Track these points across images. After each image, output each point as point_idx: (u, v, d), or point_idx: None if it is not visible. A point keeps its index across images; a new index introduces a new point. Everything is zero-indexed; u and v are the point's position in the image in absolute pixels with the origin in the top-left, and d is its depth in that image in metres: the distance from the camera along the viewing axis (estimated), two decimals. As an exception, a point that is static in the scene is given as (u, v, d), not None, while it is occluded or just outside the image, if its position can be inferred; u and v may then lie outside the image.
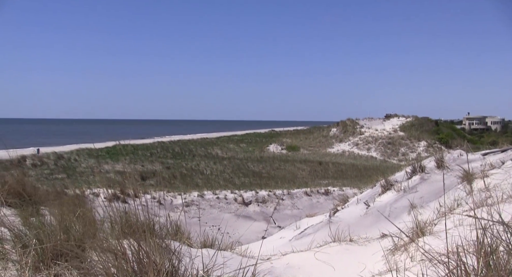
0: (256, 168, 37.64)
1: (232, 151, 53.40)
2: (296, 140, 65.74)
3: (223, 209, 19.24)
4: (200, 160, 40.15)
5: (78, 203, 4.36)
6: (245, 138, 70.48)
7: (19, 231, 3.31)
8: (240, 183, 28.62)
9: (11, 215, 4.43)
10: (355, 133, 63.40)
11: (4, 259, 3.14)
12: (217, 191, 21.01)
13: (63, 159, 34.40)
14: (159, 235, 3.91)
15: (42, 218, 3.68)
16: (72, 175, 29.27)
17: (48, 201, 5.05)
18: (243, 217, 18.76)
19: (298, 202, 20.12)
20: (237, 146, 60.07)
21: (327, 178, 31.98)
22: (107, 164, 34.89)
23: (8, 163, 24.34)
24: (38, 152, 35.78)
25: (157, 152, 43.31)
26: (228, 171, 34.90)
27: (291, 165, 39.95)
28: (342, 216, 6.89)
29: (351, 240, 4.56)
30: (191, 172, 33.56)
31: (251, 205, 19.97)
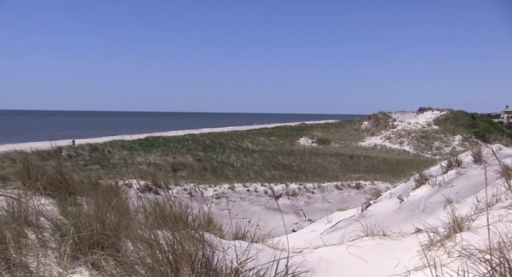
0: (287, 161, 37.55)
1: (262, 144, 53.42)
2: (327, 133, 65.25)
3: (253, 201, 19.29)
4: (230, 153, 40.33)
5: (112, 193, 4.44)
6: (275, 131, 70.39)
7: (58, 220, 3.40)
8: (270, 175, 28.60)
9: (50, 204, 4.56)
10: (387, 127, 62.40)
11: (43, 247, 3.23)
12: (248, 183, 21.06)
13: (97, 151, 35.15)
14: (192, 226, 3.95)
15: (79, 207, 3.76)
16: (105, 166, 29.88)
17: (84, 191, 5.17)
18: (273, 210, 18.76)
19: (328, 195, 19.98)
20: (267, 138, 60.05)
21: (358, 172, 31.63)
22: (139, 155, 35.45)
23: (46, 153, 25.12)
24: (74, 144, 36.65)
25: (188, 144, 43.72)
26: (259, 164, 34.94)
27: (322, 158, 39.68)
28: (374, 210, 6.80)
29: (384, 235, 4.49)
30: (222, 164, 33.75)
31: (281, 198, 19.95)
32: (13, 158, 24.80)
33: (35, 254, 3.16)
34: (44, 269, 2.93)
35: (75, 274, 2.94)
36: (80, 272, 2.98)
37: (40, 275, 2.86)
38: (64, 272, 2.97)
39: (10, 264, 2.96)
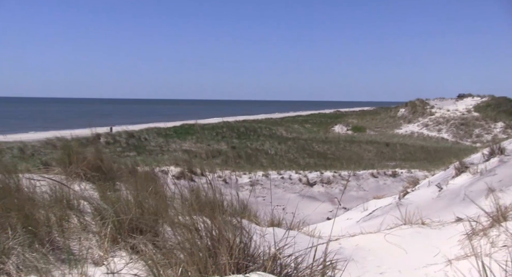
0: (321, 149, 37.30)
1: (297, 131, 53.20)
2: (362, 121, 64.35)
3: (287, 189, 19.27)
4: (264, 140, 40.36)
5: (150, 179, 4.50)
6: (309, 118, 69.92)
7: (98, 205, 3.47)
8: (305, 163, 28.48)
9: (90, 189, 4.67)
10: (425, 114, 60.94)
11: (85, 230, 3.32)
12: (282, 171, 21.03)
13: (133, 138, 35.83)
14: (228, 213, 3.97)
15: (117, 193, 3.83)
16: (142, 153, 30.44)
17: (122, 177, 5.27)
18: (308, 197, 18.70)
19: (364, 183, 19.73)
20: (301, 126, 59.73)
21: (394, 160, 31.11)
22: (175, 143, 35.95)
23: (85, 140, 25.77)
24: (111, 130, 37.46)
25: (223, 132, 43.98)
26: (293, 151, 34.85)
27: (357, 146, 39.21)
28: (412, 199, 6.67)
29: (423, 223, 4.39)
30: (256, 151, 33.83)
31: (316, 185, 19.85)
32: (54, 144, 25.61)
33: (77, 237, 3.25)
34: (87, 252, 3.00)
35: (115, 257, 3.00)
36: (120, 255, 3.04)
37: (83, 257, 2.93)
38: (105, 255, 3.04)
39: (54, 246, 3.05)
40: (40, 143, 28.46)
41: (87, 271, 2.71)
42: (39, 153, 25.72)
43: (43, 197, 3.71)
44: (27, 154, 25.24)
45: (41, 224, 3.13)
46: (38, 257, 2.77)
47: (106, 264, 2.88)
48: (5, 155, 23.33)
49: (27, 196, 3.46)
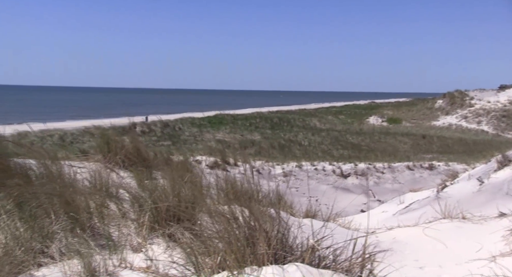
0: (355, 140, 36.87)
1: (331, 123, 52.75)
2: (398, 112, 63.17)
3: (321, 180, 19.14)
4: (298, 131, 40.20)
5: (185, 168, 4.53)
6: (344, 110, 69.14)
7: (136, 193, 3.53)
8: (339, 155, 28.23)
9: (127, 177, 4.76)
10: (464, 105, 59.22)
11: (124, 218, 3.38)
12: (315, 162, 20.89)
13: (168, 127, 36.34)
14: (263, 203, 3.96)
15: (154, 181, 3.88)
16: (176, 142, 30.84)
17: (159, 165, 5.34)
18: (341, 189, 18.54)
19: (399, 176, 19.38)
20: (335, 117, 59.17)
21: (431, 152, 30.43)
22: (208, 132, 36.25)
23: (121, 129, 26.29)
24: (147, 120, 38.08)
25: (256, 122, 44.03)
26: (326, 143, 34.59)
27: (392, 137, 38.55)
28: (451, 192, 6.50)
29: (464, 218, 4.27)
30: (289, 142, 33.74)
31: (350, 177, 19.64)
32: (92, 132, 26.23)
33: (116, 224, 3.31)
34: (126, 238, 3.06)
35: (153, 244, 3.04)
36: (158, 243, 3.08)
37: (122, 244, 2.99)
38: (143, 242, 3.08)
39: (94, 232, 3.12)
40: (78, 131, 29.24)
41: (126, 257, 2.76)
42: (78, 140, 26.44)
43: (83, 184, 3.80)
44: (66, 142, 25.98)
45: (82, 210, 3.20)
46: (80, 242, 2.84)
47: (144, 251, 2.93)
48: (46, 142, 24.07)
49: (68, 183, 3.54)
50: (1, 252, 2.54)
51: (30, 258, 2.63)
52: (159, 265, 2.60)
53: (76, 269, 2.50)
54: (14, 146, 4.96)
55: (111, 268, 2.61)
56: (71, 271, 2.49)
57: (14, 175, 3.66)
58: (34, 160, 4.14)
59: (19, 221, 2.90)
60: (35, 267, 2.60)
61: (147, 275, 2.51)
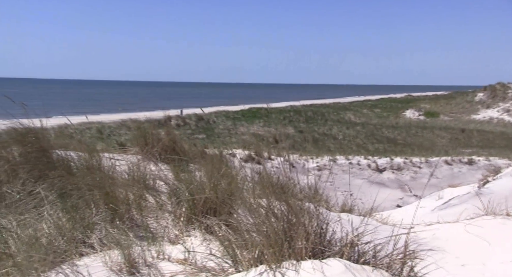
0: (391, 134, 36.23)
1: (366, 116, 51.99)
2: (436, 106, 61.61)
3: (355, 174, 18.93)
4: (332, 125, 39.82)
5: (221, 162, 4.55)
6: (379, 103, 67.95)
7: (174, 185, 3.57)
8: (374, 149, 27.83)
9: (164, 169, 4.81)
10: (506, 98, 57.17)
11: (161, 210, 3.42)
12: (350, 156, 20.66)
13: (203, 120, 36.62)
14: (299, 197, 3.93)
15: (190, 174, 3.91)
16: (210, 135, 31.07)
17: (195, 158, 5.38)
18: (377, 183, 18.28)
19: (437, 171, 18.94)
20: (370, 111, 58.25)
21: (470, 147, 29.58)
22: (242, 126, 36.35)
23: (157, 122, 26.69)
24: (182, 113, 38.50)
25: (290, 116, 43.83)
26: (361, 136, 34.13)
27: (430, 131, 37.69)
28: (493, 188, 6.29)
29: (508, 215, 4.13)
30: (323, 136, 33.48)
31: (385, 171, 19.34)
32: (129, 125, 26.75)
33: (154, 216, 3.36)
34: (164, 230, 3.09)
35: (190, 237, 3.07)
36: (195, 235, 3.11)
37: (159, 235, 3.03)
38: (180, 234, 3.12)
39: (133, 224, 3.17)
40: (116, 124, 29.85)
41: (164, 249, 2.79)
42: (115, 133, 27.00)
43: (122, 176, 3.87)
44: (104, 134, 26.58)
45: (121, 202, 3.26)
46: (119, 233, 2.89)
47: (181, 243, 2.96)
48: (85, 135, 24.70)
49: (107, 175, 3.61)
50: (45, 241, 2.61)
51: (72, 248, 2.70)
52: (196, 257, 2.62)
53: (116, 259, 2.55)
54: (56, 138, 5.09)
55: (149, 259, 2.65)
56: (111, 261, 2.54)
57: (56, 166, 3.76)
58: (75, 152, 4.24)
59: (61, 211, 2.97)
60: (77, 256, 2.66)
61: (185, 267, 2.53)
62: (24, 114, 4.12)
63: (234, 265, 2.31)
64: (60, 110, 27.15)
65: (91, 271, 2.34)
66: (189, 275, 2.40)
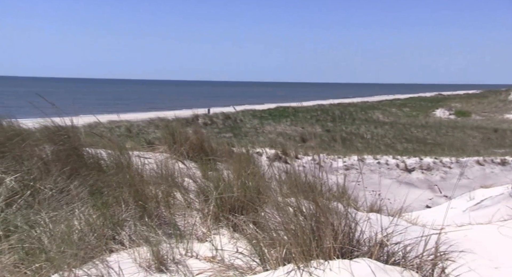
0: (420, 134, 35.66)
1: (394, 115, 51.29)
2: (467, 105, 60.29)
3: (384, 174, 18.68)
4: (360, 124, 39.45)
5: (248, 160, 4.55)
6: (408, 102, 66.88)
7: (202, 183, 3.59)
8: (403, 148, 27.44)
9: (192, 168, 4.84)
10: (541, 97, 55.53)
11: (189, 207, 3.45)
12: (378, 155, 20.42)
13: (230, 119, 36.79)
14: (327, 196, 3.90)
15: (218, 172, 3.93)
16: (238, 134, 31.18)
17: (222, 157, 5.40)
18: (405, 183, 18.00)
19: (468, 171, 18.52)
20: (399, 110, 57.40)
21: (503, 147, 28.83)
22: (269, 125, 36.34)
23: (184, 121, 26.95)
24: (209, 112, 38.74)
25: (317, 115, 43.62)
26: (390, 136, 33.70)
27: (461, 131, 36.92)
28: (528, 189, 6.11)
29: (543, 217, 4.00)
30: (351, 135, 33.18)
31: (414, 171, 19.02)
32: (157, 124, 27.07)
33: (182, 214, 3.39)
34: (191, 228, 3.12)
35: (217, 235, 3.08)
36: (222, 233, 3.12)
37: (187, 233, 3.05)
38: (208, 232, 3.13)
39: (161, 221, 3.20)
40: (144, 122, 30.28)
41: (192, 247, 2.81)
42: (143, 132, 27.39)
43: (150, 173, 3.91)
44: (133, 133, 27.00)
45: (150, 199, 3.30)
46: (148, 230, 2.93)
47: (209, 241, 2.97)
48: (114, 133, 25.14)
49: (137, 173, 3.65)
50: (76, 237, 2.66)
51: (102, 244, 2.74)
52: (224, 255, 2.63)
53: (145, 256, 2.58)
54: (86, 136, 5.19)
55: (178, 257, 2.67)
56: (140, 257, 2.57)
57: (87, 164, 3.83)
58: (105, 150, 4.31)
59: (92, 208, 3.03)
60: (107, 252, 2.71)
61: (212, 265, 2.54)
62: (56, 113, 4.22)
63: (261, 263, 2.30)
64: (89, 109, 27.69)
65: (121, 267, 2.37)
66: (217, 272, 2.41)
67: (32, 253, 2.55)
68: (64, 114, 4.27)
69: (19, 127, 4.35)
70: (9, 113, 4.44)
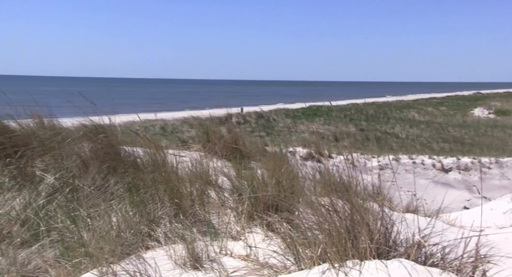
0: (458, 133, 34.77)
1: (431, 115, 50.17)
2: (508, 103, 58.33)
3: (419, 174, 18.31)
4: (395, 123, 38.81)
5: (282, 159, 4.54)
6: (445, 101, 65.30)
7: (236, 181, 3.60)
8: (439, 148, 26.83)
9: (226, 166, 4.87)
10: None
11: (223, 206, 3.47)
12: (413, 155, 20.04)
13: (263, 118, 36.83)
14: (361, 196, 3.85)
15: (252, 171, 3.93)
16: (271, 133, 31.17)
17: (256, 156, 5.42)
18: (442, 184, 17.58)
19: (508, 171, 17.91)
20: (436, 109, 56.11)
21: (547, 147, 27.82)
22: (302, 124, 36.19)
23: (218, 119, 27.15)
24: (242, 111, 38.87)
25: (351, 114, 43.15)
26: (426, 135, 33.01)
27: (501, 130, 35.80)
28: None
29: None
30: (385, 135, 32.68)
31: (451, 172, 18.56)
32: (191, 123, 27.38)
33: (216, 212, 3.41)
34: (226, 226, 3.13)
35: (251, 233, 3.09)
36: (256, 232, 3.12)
37: (222, 231, 3.07)
38: (242, 231, 3.14)
39: (196, 219, 3.24)
40: (178, 122, 30.67)
41: (227, 245, 2.83)
42: (177, 130, 27.76)
43: (185, 171, 3.96)
44: (167, 131, 27.40)
45: (185, 197, 3.34)
46: (183, 228, 2.96)
47: (243, 239, 2.98)
48: (149, 131, 25.58)
49: (172, 171, 3.70)
50: (114, 233, 2.72)
51: (139, 241, 2.79)
52: (258, 253, 2.63)
53: (180, 253, 2.61)
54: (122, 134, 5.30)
55: (212, 255, 2.69)
56: (176, 255, 2.61)
57: (124, 162, 3.91)
58: (141, 148, 4.39)
59: (129, 205, 3.09)
60: (143, 249, 2.76)
61: (247, 263, 2.55)
62: (94, 112, 4.33)
63: (296, 262, 2.29)
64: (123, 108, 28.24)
65: (157, 263, 2.41)
66: (251, 271, 2.42)
67: (72, 248, 2.62)
68: (101, 113, 4.38)
69: (59, 126, 4.47)
70: (50, 112, 4.57)
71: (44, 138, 4.02)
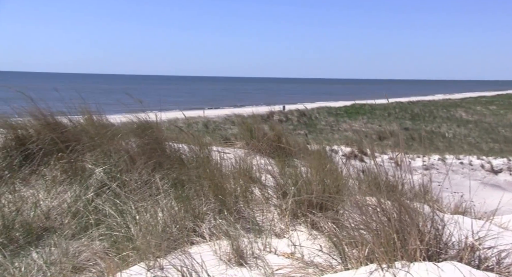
0: (509, 133, 33.43)
1: (479, 114, 48.45)
2: None
3: (466, 175, 17.72)
4: (441, 122, 37.77)
5: (325, 157, 4.48)
6: (495, 100, 62.87)
7: (280, 178, 3.59)
8: (488, 148, 25.89)
9: (269, 164, 4.86)
10: None
11: (267, 203, 3.46)
12: (461, 155, 19.42)
13: (305, 116, 36.67)
14: (408, 196, 3.75)
15: (296, 169, 3.90)
16: (312, 131, 30.99)
17: (299, 154, 5.37)
18: (491, 185, 16.95)
19: None
20: (485, 108, 54.13)
21: None
22: (345, 122, 35.79)
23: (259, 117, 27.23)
24: (284, 109, 38.82)
25: (395, 113, 42.34)
26: (474, 135, 31.94)
27: (555, 130, 34.19)
28: None
29: None
30: (431, 134, 31.84)
31: (502, 173, 17.87)
32: (233, 120, 27.60)
33: (260, 209, 3.41)
34: (270, 224, 3.12)
35: (295, 231, 3.06)
36: (300, 230, 3.09)
37: (266, 228, 3.06)
38: (286, 229, 3.12)
39: (240, 215, 3.24)
40: (220, 119, 30.98)
41: (271, 242, 2.82)
42: (219, 128, 28.04)
43: (229, 168, 3.97)
44: (210, 129, 27.72)
45: (229, 194, 3.34)
46: (227, 224, 2.97)
47: (287, 237, 2.96)
48: (192, 128, 25.94)
49: (216, 167, 3.72)
50: (160, 228, 2.76)
51: (184, 236, 2.82)
52: (303, 252, 2.60)
53: (225, 249, 2.62)
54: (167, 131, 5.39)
55: (256, 251, 2.68)
56: (221, 251, 2.62)
57: (169, 158, 3.97)
58: (186, 144, 4.44)
59: (175, 200, 3.13)
60: (188, 244, 2.78)
61: (291, 261, 2.53)
62: (141, 109, 4.42)
63: (342, 262, 2.25)
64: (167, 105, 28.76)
65: (203, 259, 2.42)
66: (296, 269, 2.39)
67: (120, 241, 2.68)
68: (148, 109, 4.46)
69: (107, 122, 4.59)
70: (100, 109, 4.70)
71: (93, 134, 4.14)
